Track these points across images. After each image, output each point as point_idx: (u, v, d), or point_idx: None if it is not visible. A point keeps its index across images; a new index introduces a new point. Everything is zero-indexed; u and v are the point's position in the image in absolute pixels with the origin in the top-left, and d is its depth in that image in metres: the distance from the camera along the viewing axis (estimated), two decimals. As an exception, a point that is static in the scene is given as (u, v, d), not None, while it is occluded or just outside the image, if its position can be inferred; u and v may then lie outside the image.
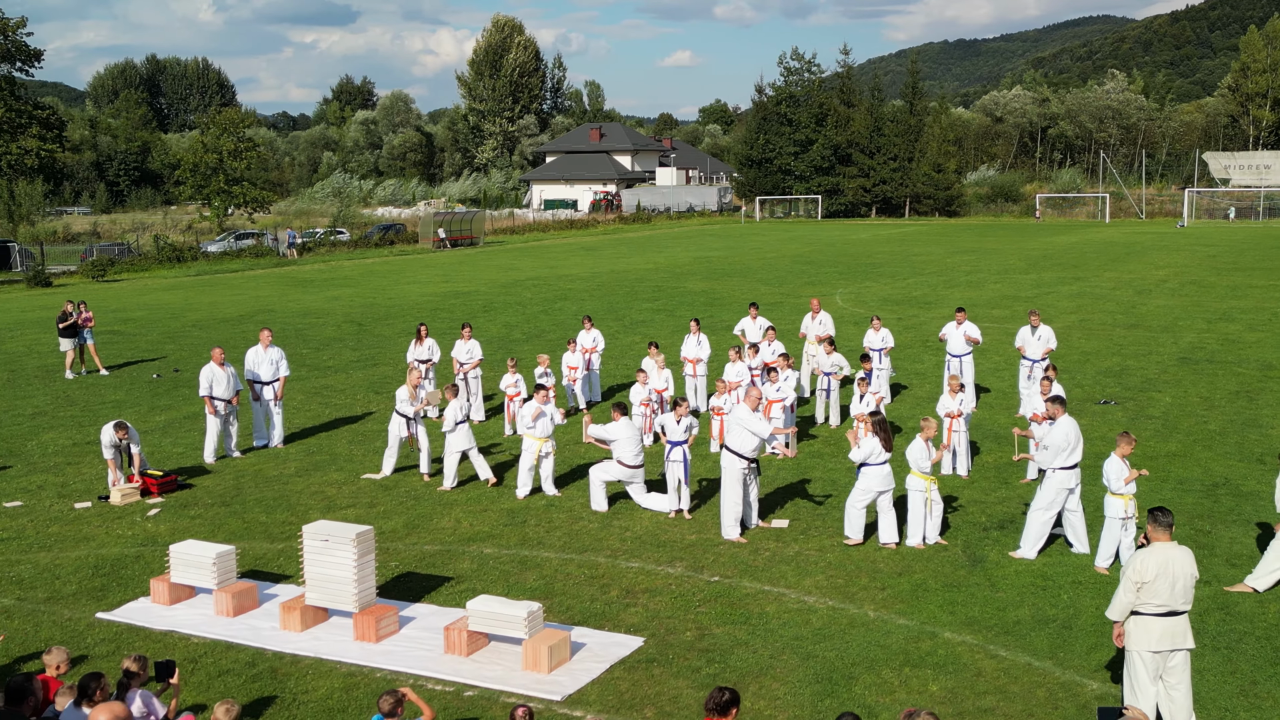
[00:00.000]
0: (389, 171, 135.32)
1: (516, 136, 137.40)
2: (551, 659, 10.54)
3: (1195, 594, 12.19)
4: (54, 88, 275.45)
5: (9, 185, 68.63)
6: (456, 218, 68.69)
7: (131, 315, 37.10)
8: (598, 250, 63.86)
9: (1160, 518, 9.26)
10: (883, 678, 10.41)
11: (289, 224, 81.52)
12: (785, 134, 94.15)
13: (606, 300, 39.10)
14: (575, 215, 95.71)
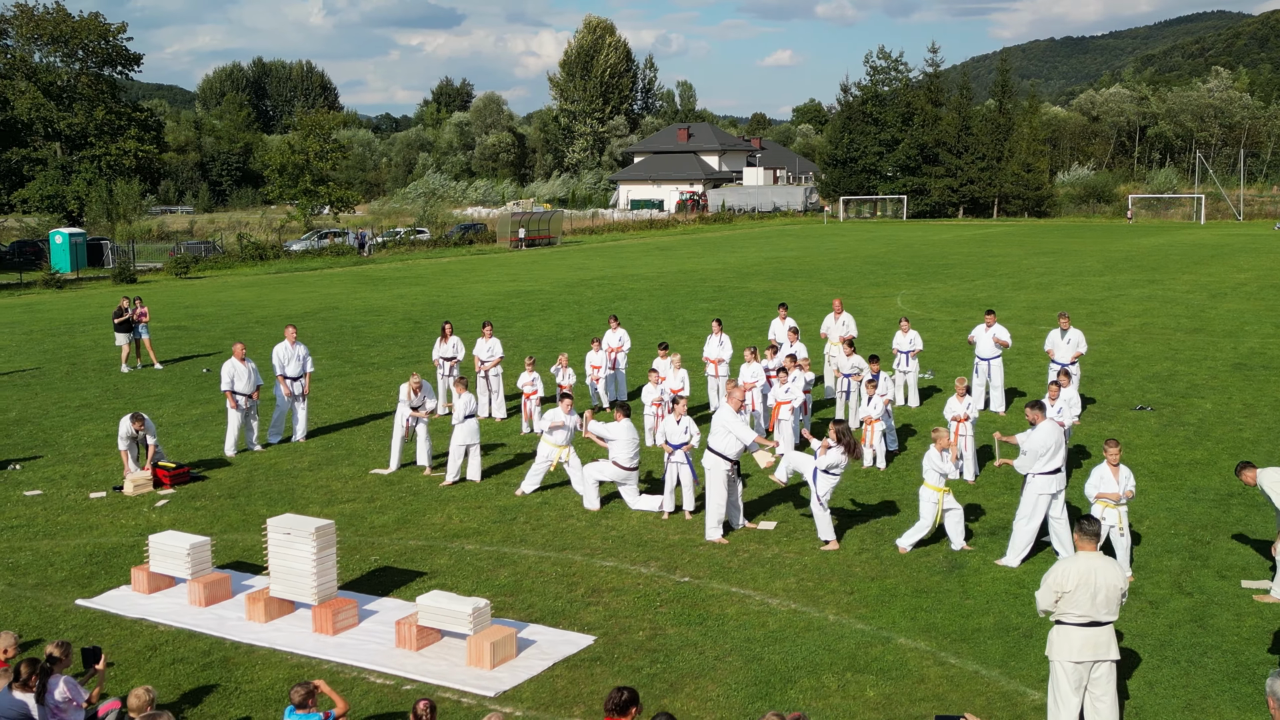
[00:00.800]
0: (481, 172, 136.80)
1: (606, 137, 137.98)
2: (494, 655, 10.60)
3: (1176, 604, 11.92)
4: (168, 90, 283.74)
5: (108, 185, 70.86)
6: (535, 218, 69.23)
7: (202, 311, 38.09)
8: (672, 250, 63.89)
9: (1086, 526, 9.04)
10: (822, 682, 10.28)
11: (378, 224, 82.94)
12: (871, 133, 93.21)
13: (664, 300, 39.12)
14: (658, 215, 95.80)
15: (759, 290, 42.02)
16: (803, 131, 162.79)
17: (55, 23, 73.48)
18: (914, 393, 21.86)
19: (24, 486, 16.93)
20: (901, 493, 16.21)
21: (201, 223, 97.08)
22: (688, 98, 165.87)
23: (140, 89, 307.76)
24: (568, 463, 15.97)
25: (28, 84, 73.78)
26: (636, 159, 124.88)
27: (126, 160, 74.03)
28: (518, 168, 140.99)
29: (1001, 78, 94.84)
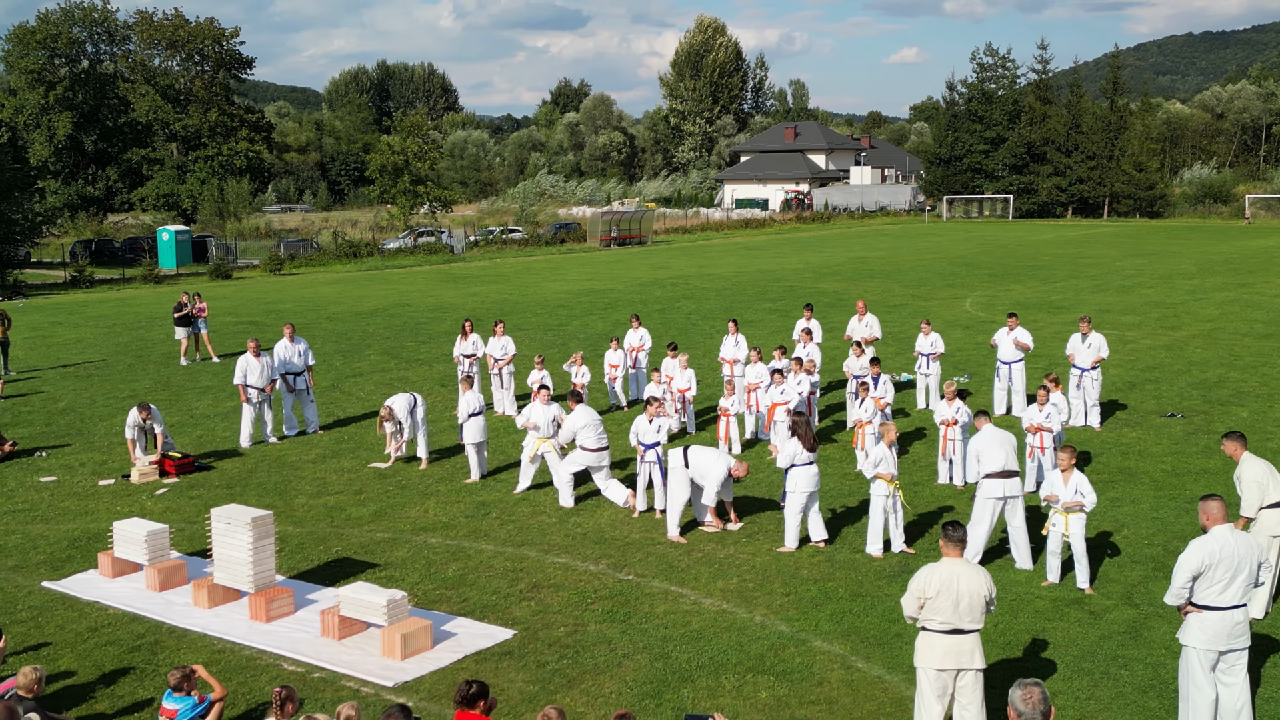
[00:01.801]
0: (590, 172, 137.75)
1: (714, 136, 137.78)
2: (405, 647, 10.78)
3: (1117, 615, 11.55)
4: (300, 92, 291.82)
5: (219, 184, 73.33)
6: (626, 216, 69.54)
7: (279, 307, 39.18)
8: (760, 250, 63.59)
9: (950, 533, 8.86)
10: (719, 682, 10.23)
11: (481, 222, 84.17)
12: (976, 132, 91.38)
13: (729, 299, 39.00)
14: (757, 214, 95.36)
15: (830, 290, 41.60)
16: (918, 130, 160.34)
17: (173, 28, 76.23)
18: (935, 396, 21.44)
19: (43, 473, 17.69)
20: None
21: (316, 221, 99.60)
22: (800, 96, 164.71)
23: (275, 91, 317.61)
24: (549, 454, 16.07)
25: (147, 87, 76.70)
26: (743, 158, 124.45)
27: (238, 160, 76.48)
28: (627, 167, 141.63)
29: (1113, 74, 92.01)
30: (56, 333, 33.96)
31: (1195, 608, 9.05)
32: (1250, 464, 11.49)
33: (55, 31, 75.92)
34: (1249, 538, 9.14)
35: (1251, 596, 11.30)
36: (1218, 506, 9.15)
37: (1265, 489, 11.36)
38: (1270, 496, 11.38)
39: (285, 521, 15.05)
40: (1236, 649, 9.03)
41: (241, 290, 45.94)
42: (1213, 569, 8.91)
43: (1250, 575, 8.99)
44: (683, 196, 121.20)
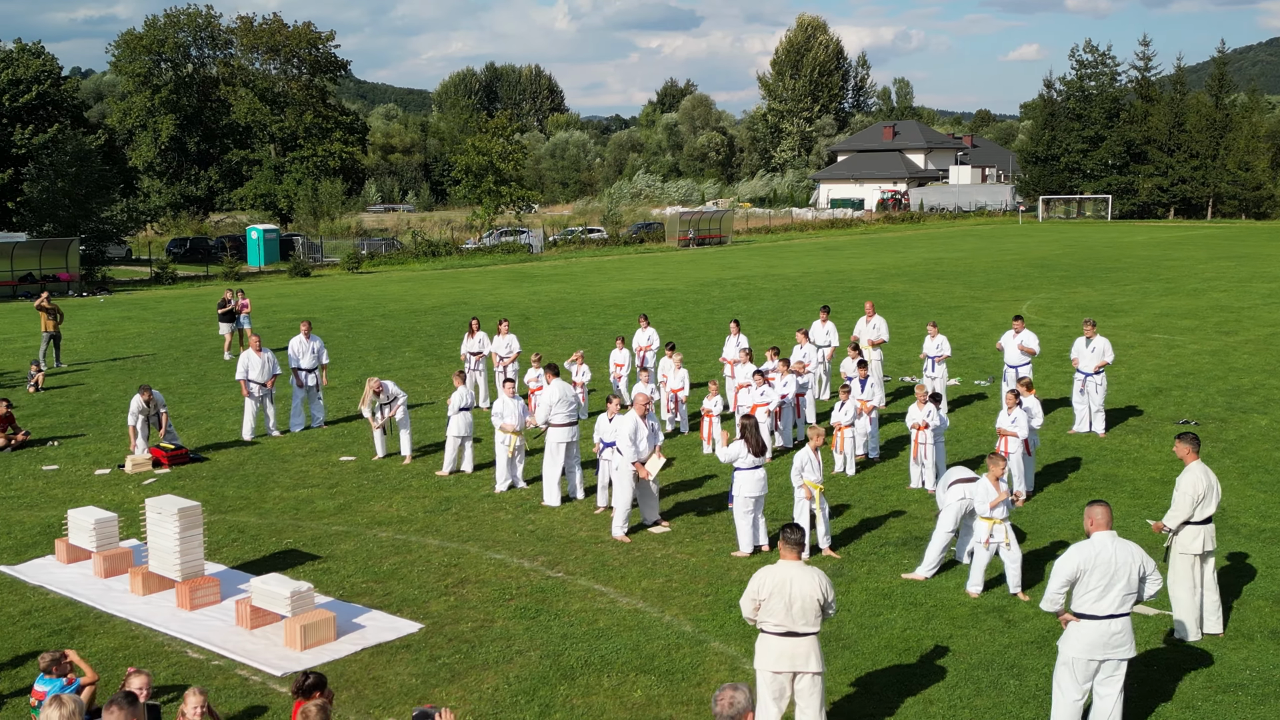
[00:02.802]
0: (688, 172, 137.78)
1: (814, 136, 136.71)
2: (306, 638, 10.97)
3: (1035, 624, 11.25)
4: (418, 95, 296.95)
5: (314, 184, 75.10)
6: (705, 216, 69.46)
7: (341, 304, 40.02)
8: (838, 250, 62.97)
9: (788, 535, 8.76)
10: (599, 680, 10.22)
11: (571, 222, 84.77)
12: (1074, 130, 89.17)
13: (784, 300, 38.72)
14: (848, 214, 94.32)
15: (890, 291, 41.05)
16: (1025, 129, 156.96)
17: (271, 33, 78.27)
18: (941, 400, 21.00)
19: (49, 461, 18.37)
20: (859, 501, 15.75)
21: (413, 221, 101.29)
22: (904, 95, 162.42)
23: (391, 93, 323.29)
24: (520, 449, 16.17)
25: (246, 90, 78.90)
26: (840, 158, 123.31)
27: (332, 161, 78.19)
28: (725, 167, 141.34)
29: (1219, 70, 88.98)
30: (123, 327, 35.18)
31: (1074, 615, 8.79)
32: (1192, 473, 10.95)
33: (161, 37, 78.55)
34: (1131, 546, 8.81)
35: (1206, 615, 10.95)
36: (1101, 512, 8.87)
37: (1199, 502, 10.89)
38: (1202, 512, 10.93)
39: (251, 513, 15.43)
40: (1114, 659, 8.74)
41: (313, 288, 47.03)
42: (1088, 575, 8.65)
43: (1129, 585, 8.68)
44: (778, 196, 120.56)
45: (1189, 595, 11.00)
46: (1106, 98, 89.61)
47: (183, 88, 78.73)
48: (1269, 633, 11.18)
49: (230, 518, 15.24)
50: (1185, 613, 11.00)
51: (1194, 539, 10.91)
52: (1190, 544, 10.92)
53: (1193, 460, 10.98)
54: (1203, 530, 10.92)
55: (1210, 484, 10.90)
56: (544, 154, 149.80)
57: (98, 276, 49.34)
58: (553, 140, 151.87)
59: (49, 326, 27.35)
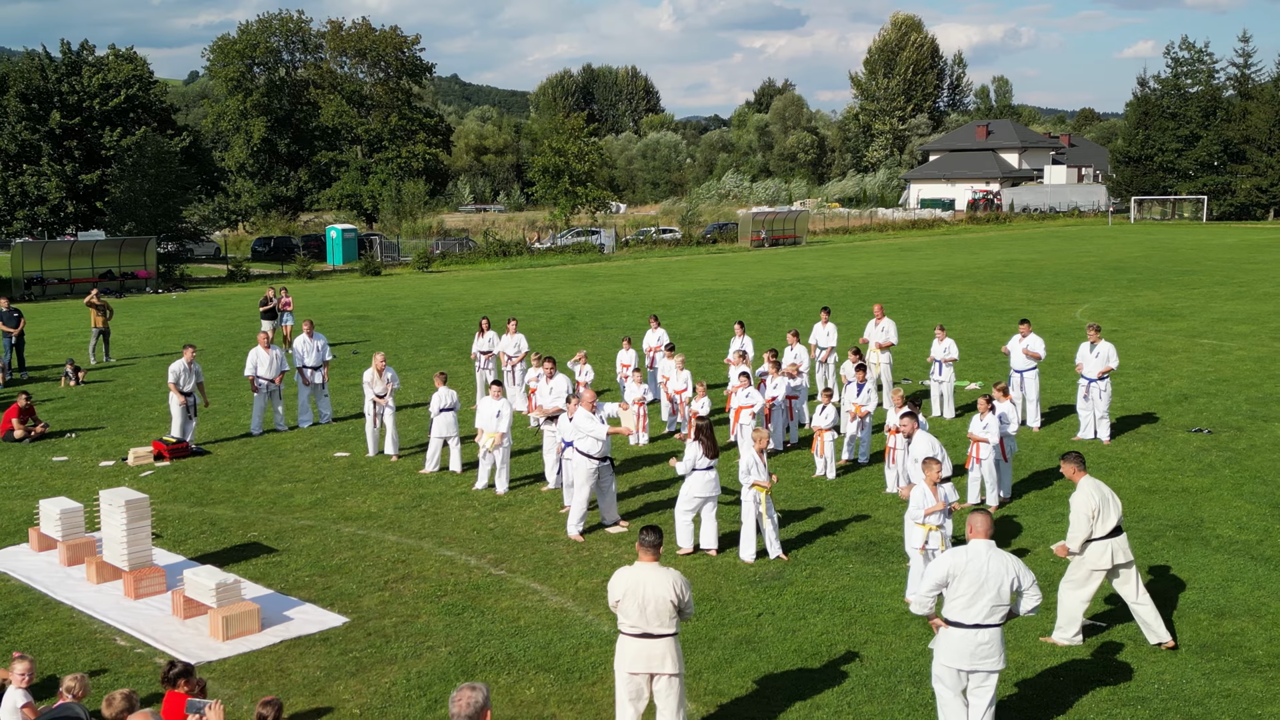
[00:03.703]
0: (778, 172, 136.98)
1: (907, 135, 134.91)
2: (229, 629, 11.23)
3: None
4: (520, 96, 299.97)
5: (397, 185, 76.39)
6: (780, 216, 69.07)
7: (398, 303, 40.68)
8: (912, 252, 62.14)
9: (644, 537, 8.72)
10: (498, 677, 10.29)
11: (653, 222, 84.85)
12: (1169, 130, 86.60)
13: (835, 301, 38.27)
14: (933, 215, 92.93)
15: (948, 293, 40.45)
16: (1120, 128, 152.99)
17: (358, 37, 79.79)
18: (949, 404, 20.69)
19: (60, 453, 19.03)
20: (829, 504, 15.60)
21: (500, 221, 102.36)
22: (1003, 94, 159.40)
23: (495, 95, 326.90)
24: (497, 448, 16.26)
25: (334, 94, 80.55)
26: (931, 157, 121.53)
27: (415, 163, 79.42)
28: (815, 167, 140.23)
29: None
30: (183, 323, 36.21)
31: (944, 621, 8.66)
32: (1083, 492, 10.73)
33: (254, 41, 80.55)
34: (1007, 559, 8.64)
35: (1148, 626, 10.67)
36: (981, 520, 8.74)
37: (1096, 519, 10.63)
38: (1101, 528, 10.65)
39: (229, 506, 15.81)
40: (981, 670, 8.57)
41: (378, 286, 47.88)
42: (958, 581, 8.51)
43: (999, 597, 8.51)
44: (867, 196, 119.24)
45: (1075, 600, 10.84)
46: (1203, 96, 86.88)
47: (274, 91, 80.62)
48: (1197, 646, 10.84)
49: (208, 510, 15.64)
50: (1063, 613, 10.90)
51: (1101, 554, 10.64)
52: (1099, 560, 10.65)
53: (1080, 477, 10.80)
54: (1110, 544, 10.64)
55: (1104, 497, 10.66)
56: (635, 154, 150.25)
57: (176, 275, 50.80)
58: (644, 141, 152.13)
59: (98, 322, 28.28)
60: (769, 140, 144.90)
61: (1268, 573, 12.72)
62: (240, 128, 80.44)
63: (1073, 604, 10.87)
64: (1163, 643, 10.75)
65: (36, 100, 55.14)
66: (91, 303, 28.39)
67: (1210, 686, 10.03)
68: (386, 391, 18.26)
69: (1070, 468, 10.95)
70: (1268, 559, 13.16)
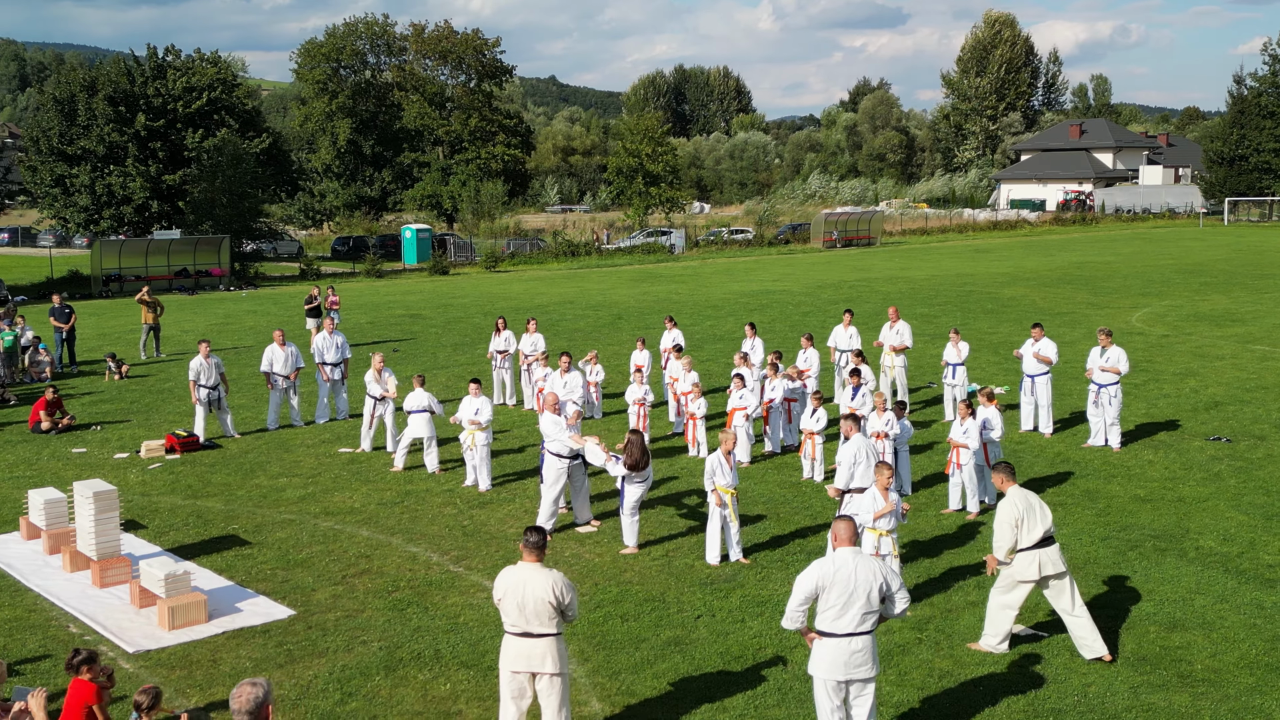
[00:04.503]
0: (866, 172, 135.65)
1: (998, 135, 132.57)
2: (174, 619, 11.52)
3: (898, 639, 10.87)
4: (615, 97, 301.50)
5: (476, 185, 77.28)
6: (853, 217, 68.40)
7: (454, 302, 41.18)
8: (986, 253, 61.11)
9: (527, 538, 8.74)
10: (418, 673, 10.41)
11: (734, 223, 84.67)
12: (1265, 129, 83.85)
13: (890, 303, 37.86)
14: (1013, 216, 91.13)
15: (1007, 296, 39.73)
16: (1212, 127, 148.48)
17: (439, 39, 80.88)
18: (905, 408, 20.26)
19: (80, 445, 19.65)
20: (807, 508, 15.46)
21: (583, 221, 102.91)
22: (1102, 92, 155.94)
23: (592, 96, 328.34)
24: (472, 448, 16.43)
25: (417, 95, 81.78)
26: (1023, 157, 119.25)
27: (494, 164, 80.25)
28: (905, 167, 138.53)
29: None
30: (243, 320, 37.10)
31: (818, 633, 8.54)
32: (1008, 501, 10.50)
33: (340, 45, 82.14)
34: (873, 563, 8.50)
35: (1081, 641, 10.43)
36: (844, 527, 8.62)
37: (1022, 529, 10.40)
38: (1028, 538, 10.41)
39: (221, 499, 16.18)
40: (857, 679, 8.45)
41: (440, 285, 48.51)
42: (828, 592, 8.39)
43: (869, 603, 8.38)
44: (956, 197, 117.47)
45: (1001, 608, 10.66)
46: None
47: (359, 94, 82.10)
48: (1136, 659, 10.54)
49: (199, 503, 16.03)
50: (990, 621, 10.76)
51: (1028, 565, 10.40)
52: (1025, 571, 10.42)
53: (1009, 486, 10.57)
54: (1038, 555, 10.39)
55: (1030, 506, 10.41)
56: (724, 155, 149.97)
57: (250, 273, 52.03)
58: (732, 141, 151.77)
59: (149, 319, 29.12)
60: (858, 140, 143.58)
61: (1237, 585, 12.31)
62: (326, 129, 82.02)
63: (999, 612, 10.67)
64: (1100, 657, 10.47)
65: (124, 103, 56.85)
66: (142, 300, 29.24)
67: (1133, 700, 9.76)
68: (383, 394, 18.49)
69: (999, 477, 10.77)
70: (1242, 572, 12.73)
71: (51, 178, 56.51)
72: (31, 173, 57.76)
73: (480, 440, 16.38)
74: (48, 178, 56.66)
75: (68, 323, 27.41)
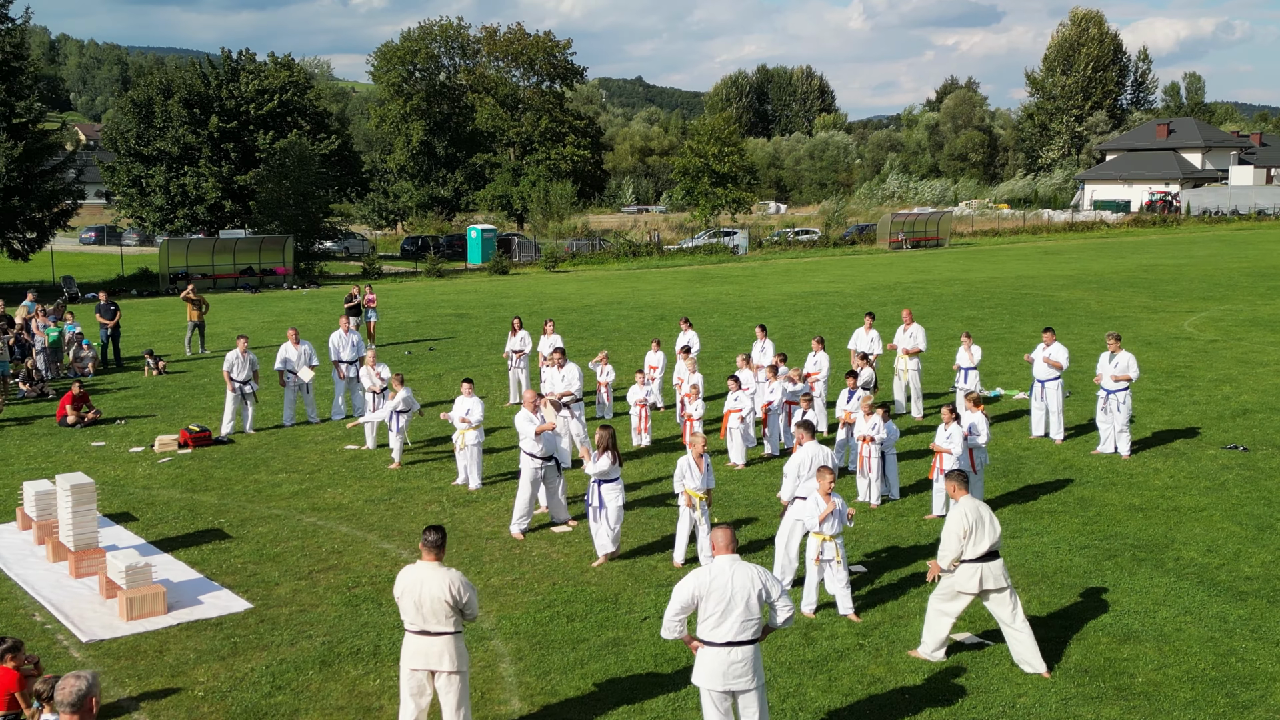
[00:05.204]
0: (948, 172, 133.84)
1: (1084, 135, 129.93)
2: (132, 610, 11.80)
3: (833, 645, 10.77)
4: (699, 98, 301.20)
5: (546, 186, 77.81)
6: (921, 218, 67.55)
7: (502, 302, 41.49)
8: (1056, 255, 60.00)
9: (426, 536, 8.81)
10: (351, 669, 10.54)
11: (811, 224, 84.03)
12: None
13: (942, 305, 37.42)
14: (1092, 217, 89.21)
15: (1062, 299, 38.99)
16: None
17: (510, 41, 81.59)
18: (889, 411, 19.92)
19: (101, 439, 20.19)
20: (789, 511, 15.34)
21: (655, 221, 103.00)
22: (1194, 90, 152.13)
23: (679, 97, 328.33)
24: (464, 448, 16.57)
25: (489, 97, 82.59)
26: (1109, 157, 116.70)
27: (564, 164, 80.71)
28: (987, 167, 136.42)
29: None
30: (295, 317, 37.75)
31: (701, 642, 8.48)
32: (958, 511, 10.30)
33: (415, 48, 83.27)
34: (752, 571, 8.40)
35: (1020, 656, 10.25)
36: (722, 535, 8.53)
37: (969, 541, 10.20)
38: (973, 550, 10.22)
39: (217, 493, 16.52)
40: (740, 690, 8.35)
41: (498, 285, 48.93)
42: (706, 600, 8.32)
43: (748, 611, 8.28)
44: (1039, 197, 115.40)
45: (939, 616, 10.50)
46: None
47: (433, 96, 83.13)
48: (1077, 670, 10.33)
49: (195, 497, 16.38)
50: (928, 628, 10.63)
51: (970, 578, 10.21)
52: (966, 583, 10.23)
53: (961, 495, 10.37)
54: (980, 568, 10.19)
55: (980, 518, 10.19)
56: (803, 155, 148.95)
57: (315, 271, 52.94)
58: (812, 141, 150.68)
59: (193, 316, 29.80)
60: (939, 140, 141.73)
61: (1207, 598, 11.96)
62: (401, 130, 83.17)
63: (937, 619, 10.51)
64: (1039, 673, 10.24)
65: (198, 105, 58.23)
66: (188, 297, 29.92)
67: (1063, 712, 9.54)
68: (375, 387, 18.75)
69: (951, 485, 10.59)
70: (1217, 584, 12.37)
71: (129, 178, 58.04)
72: (110, 173, 59.40)
73: (471, 439, 16.51)
74: (125, 178, 58.21)
75: (113, 320, 28.16)
